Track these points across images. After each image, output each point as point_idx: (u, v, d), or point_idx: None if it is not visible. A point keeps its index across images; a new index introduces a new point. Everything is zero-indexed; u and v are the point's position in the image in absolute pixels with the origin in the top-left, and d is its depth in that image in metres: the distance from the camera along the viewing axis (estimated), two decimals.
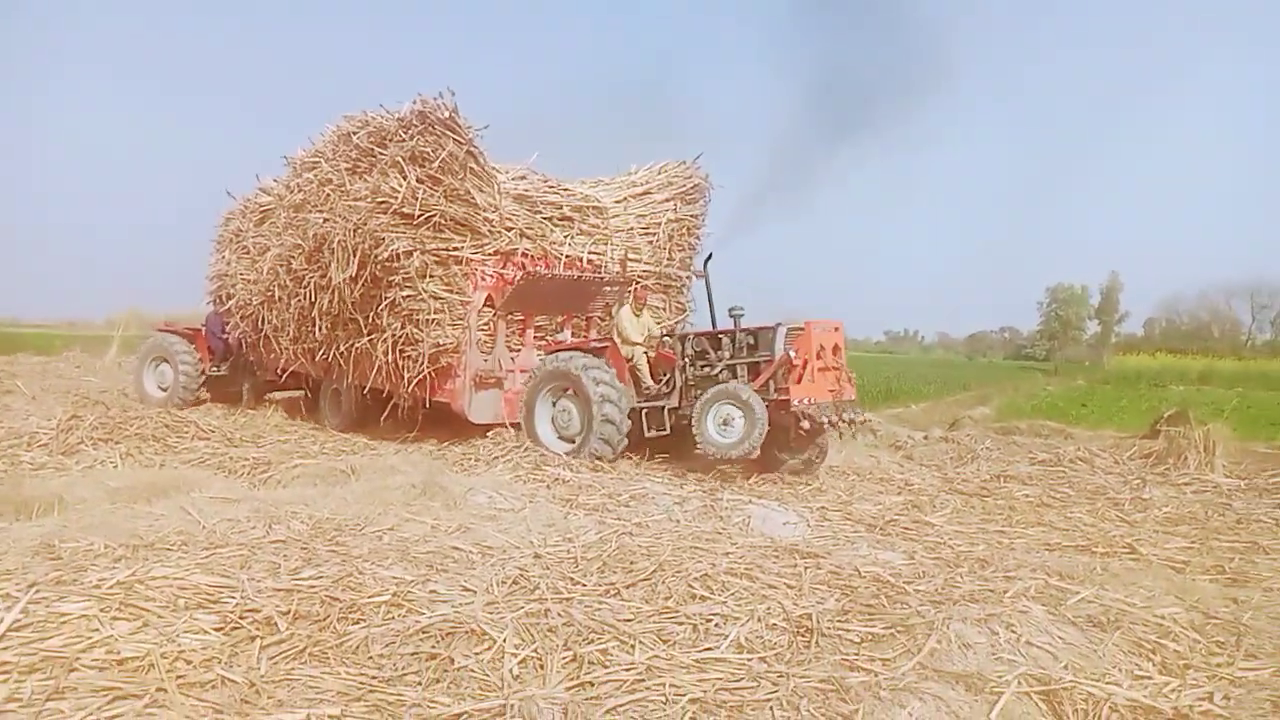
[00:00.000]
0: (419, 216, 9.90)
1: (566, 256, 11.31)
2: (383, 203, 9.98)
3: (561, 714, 3.22)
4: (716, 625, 4.22)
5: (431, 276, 10.08)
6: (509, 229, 10.72)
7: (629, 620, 4.22)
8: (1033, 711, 3.44)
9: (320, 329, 11.02)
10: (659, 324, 10.84)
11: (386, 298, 10.16)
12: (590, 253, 11.62)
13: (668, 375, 9.61)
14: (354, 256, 10.13)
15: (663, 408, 9.38)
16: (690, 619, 4.28)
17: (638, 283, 11.22)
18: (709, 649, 3.93)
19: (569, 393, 9.55)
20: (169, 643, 3.50)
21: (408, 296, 10.06)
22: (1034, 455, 10.96)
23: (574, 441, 9.45)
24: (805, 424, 8.49)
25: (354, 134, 10.63)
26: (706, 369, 9.19)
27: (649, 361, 9.84)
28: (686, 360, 9.38)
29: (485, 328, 10.88)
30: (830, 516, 7.24)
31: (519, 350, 11.22)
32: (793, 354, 8.57)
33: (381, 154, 10.22)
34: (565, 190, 11.88)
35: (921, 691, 3.51)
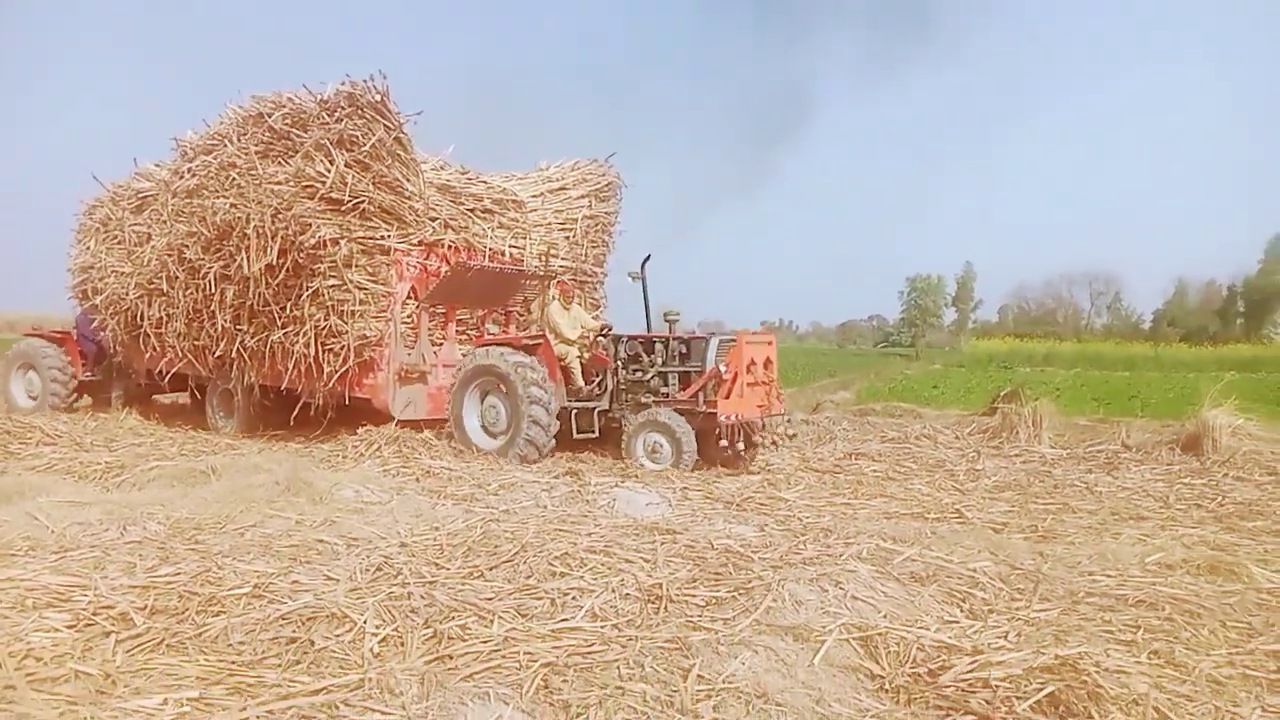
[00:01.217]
0: (347, 203, 9.63)
1: (490, 249, 11.19)
2: (308, 187, 9.64)
3: (419, 683, 3.40)
4: (573, 598, 4.46)
5: (356, 266, 9.82)
6: (433, 219, 10.55)
7: (490, 599, 4.41)
8: (851, 655, 3.84)
9: (219, 323, 10.53)
10: (594, 318, 10.70)
11: (310, 287, 9.81)
12: (510, 246, 11.53)
13: (600, 377, 9.49)
14: (273, 243, 9.74)
15: (593, 409, 9.27)
16: (549, 594, 4.51)
17: (555, 276, 11.22)
18: (565, 620, 4.17)
19: (499, 389, 9.34)
20: (16, 641, 3.49)
21: (332, 286, 9.76)
22: (884, 434, 11.73)
23: (501, 437, 9.30)
24: (724, 444, 8.46)
25: (267, 115, 10.15)
26: (639, 374, 9.13)
27: (581, 362, 9.71)
28: (619, 363, 9.29)
29: (407, 320, 10.62)
30: (691, 496, 7.61)
31: (440, 344, 11.00)
32: (723, 368, 8.52)
33: (301, 137, 9.84)
34: (483, 182, 11.75)
35: (755, 644, 3.86)
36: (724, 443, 8.38)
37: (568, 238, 12.39)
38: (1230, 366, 36.31)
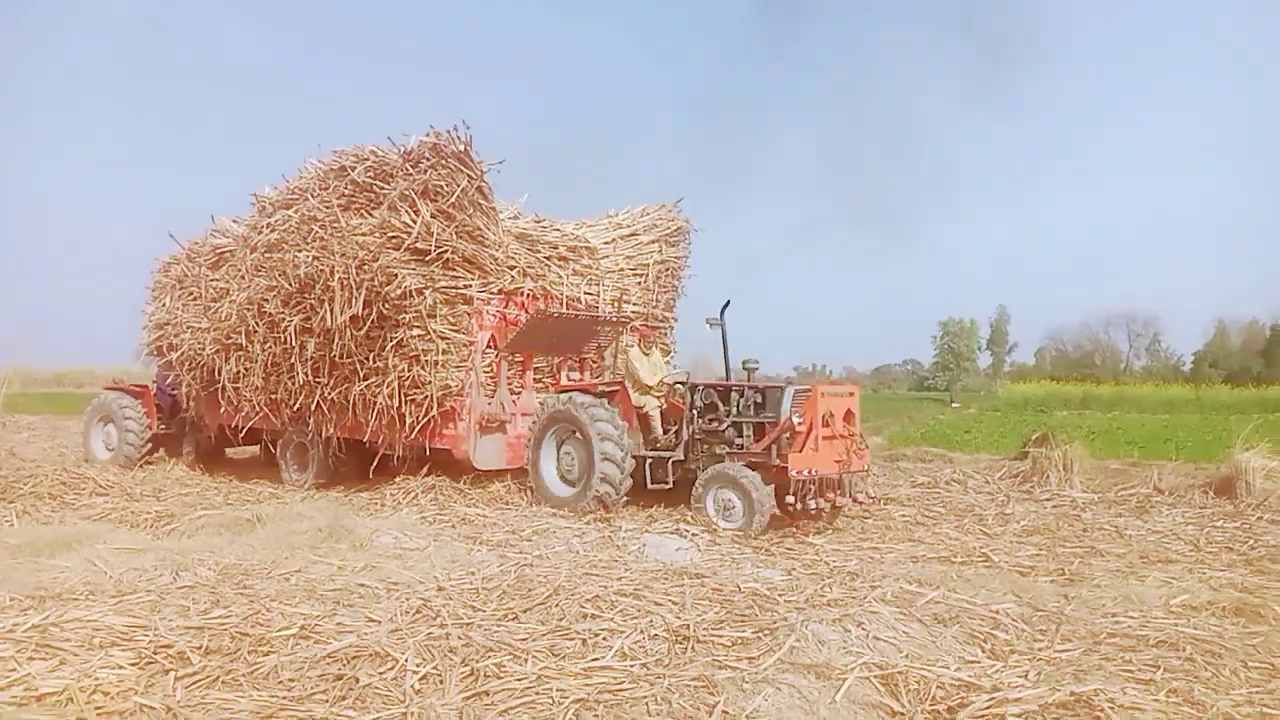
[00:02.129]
0: (431, 253, 9.68)
1: (566, 296, 11.10)
2: (393, 238, 9.73)
3: (458, 717, 3.60)
4: (604, 639, 4.64)
5: (439, 316, 9.83)
6: (511, 267, 10.53)
7: (524, 639, 4.60)
8: (872, 693, 3.97)
9: (298, 376, 10.53)
10: (670, 366, 10.41)
11: (394, 337, 9.82)
12: (585, 293, 11.44)
13: (676, 426, 9.23)
14: (358, 295, 9.77)
15: (668, 460, 8.96)
16: (580, 634, 4.70)
17: (628, 321, 11.19)
18: (596, 659, 4.35)
19: (574, 435, 9.16)
20: (86, 678, 3.74)
21: (416, 336, 9.76)
22: (914, 479, 11.76)
23: (576, 485, 9.13)
24: (812, 503, 7.94)
25: (350, 169, 10.29)
26: (714, 423, 8.77)
27: (661, 412, 9.47)
28: (695, 412, 8.97)
29: (487, 369, 10.51)
30: (720, 541, 7.75)
31: (519, 392, 10.86)
32: (796, 420, 8.11)
33: (384, 189, 9.97)
34: (557, 230, 11.82)
35: (778, 682, 4.01)
36: (791, 499, 7.88)
37: (639, 283, 12.33)
38: (1274, 409, 35.61)
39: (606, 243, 12.30)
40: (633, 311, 11.81)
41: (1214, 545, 7.76)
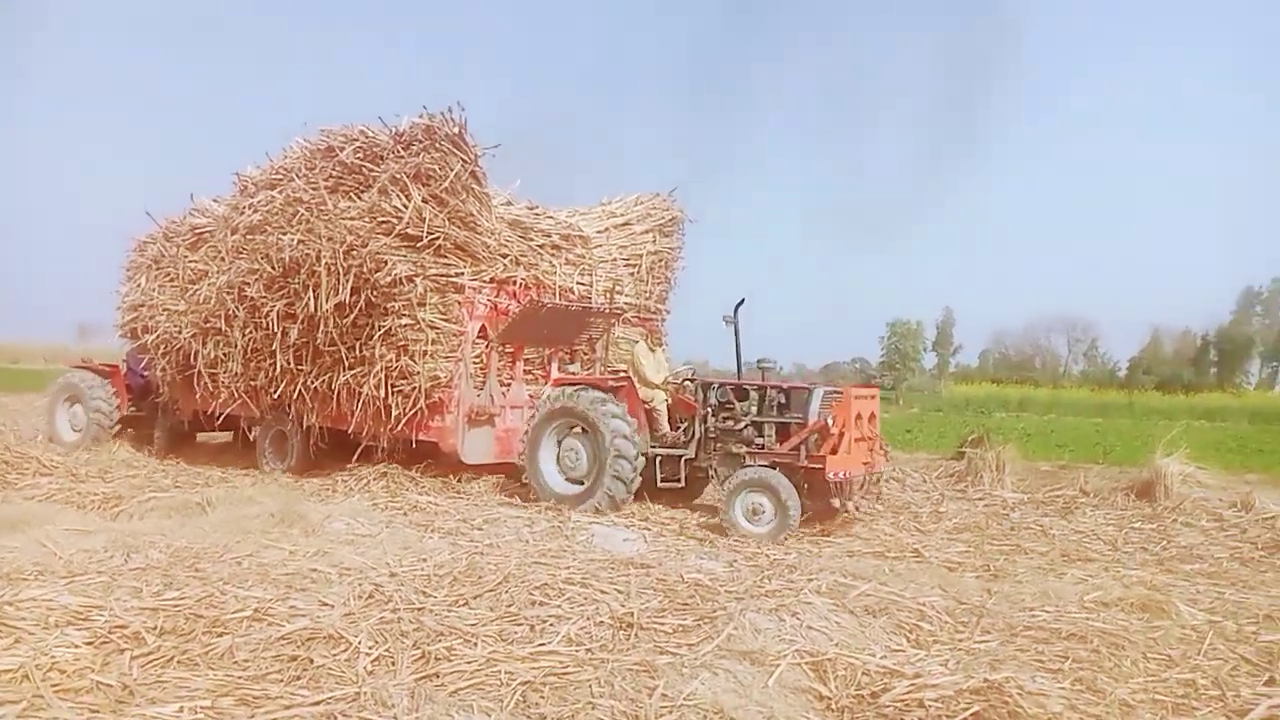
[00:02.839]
0: (423, 239, 9.41)
1: (559, 287, 10.91)
2: (383, 222, 9.44)
3: (409, 697, 3.76)
4: (551, 625, 4.84)
5: (429, 304, 9.54)
6: (504, 256, 10.28)
7: (474, 624, 4.78)
8: (802, 678, 4.23)
9: (279, 363, 10.21)
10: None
11: (382, 326, 9.52)
12: (577, 283, 11.22)
13: (686, 424, 9.08)
14: (346, 281, 9.47)
15: (679, 458, 8.82)
16: (529, 621, 4.89)
17: (622, 313, 11.01)
18: (543, 644, 4.54)
19: (576, 430, 9.03)
20: (42, 655, 3.83)
21: (405, 325, 9.49)
22: None
23: (581, 483, 8.96)
24: (836, 502, 8.11)
25: (338, 149, 9.95)
26: (730, 422, 8.64)
27: (668, 407, 9.36)
28: (709, 410, 8.82)
29: (476, 360, 10.23)
30: (666, 533, 7.99)
31: (509, 385, 10.59)
32: (830, 421, 8.05)
33: (374, 171, 9.67)
34: (550, 218, 11.52)
35: (715, 667, 4.25)
36: (837, 501, 8.06)
37: (633, 274, 12.09)
38: (1200, 415, 37.10)
39: (600, 231, 12.03)
40: (626, 303, 11.68)
41: (1130, 545, 8.24)
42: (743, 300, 8.86)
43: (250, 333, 10.46)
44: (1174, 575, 7.02)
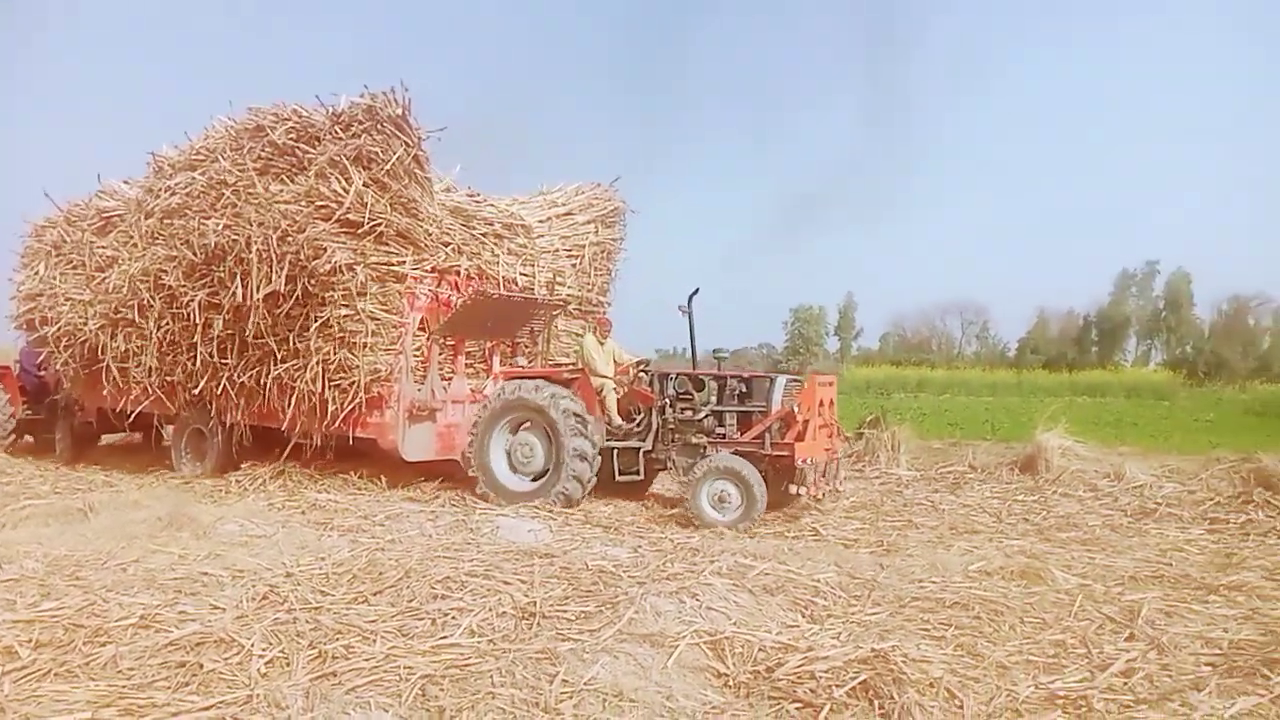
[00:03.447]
0: (364, 225, 8.93)
1: (502, 277, 10.62)
2: (323, 208, 8.91)
3: (304, 697, 3.71)
4: (453, 618, 4.82)
5: (369, 294, 9.07)
6: (446, 244, 9.88)
7: (373, 621, 4.73)
8: (701, 657, 4.33)
9: (200, 356, 9.66)
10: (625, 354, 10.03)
11: (319, 317, 9.00)
12: (520, 274, 10.91)
13: (642, 415, 8.99)
14: (280, 269, 8.94)
15: (637, 449, 8.77)
16: (430, 615, 4.86)
17: (564, 304, 10.79)
18: (445, 637, 4.53)
19: (528, 425, 8.91)
20: None
21: (344, 316, 9.00)
22: None
23: (536, 479, 8.85)
24: (797, 490, 7.94)
25: (269, 129, 9.33)
26: (689, 413, 8.62)
27: (617, 398, 9.27)
28: (666, 401, 8.77)
29: (417, 353, 9.77)
30: (572, 522, 8.03)
31: (450, 379, 10.18)
32: (796, 408, 8.09)
33: (309, 153, 9.10)
34: (492, 206, 11.14)
35: (616, 651, 4.31)
36: (799, 489, 7.92)
37: (575, 265, 11.83)
38: (1083, 391, 39.29)
39: (542, 221, 11.74)
40: (568, 295, 11.55)
41: (1013, 517, 8.69)
42: (697, 290, 8.84)
43: (167, 324, 9.89)
44: (1051, 543, 7.44)
